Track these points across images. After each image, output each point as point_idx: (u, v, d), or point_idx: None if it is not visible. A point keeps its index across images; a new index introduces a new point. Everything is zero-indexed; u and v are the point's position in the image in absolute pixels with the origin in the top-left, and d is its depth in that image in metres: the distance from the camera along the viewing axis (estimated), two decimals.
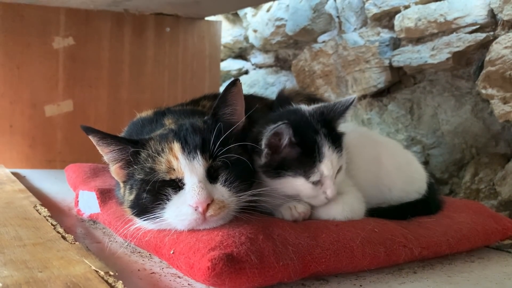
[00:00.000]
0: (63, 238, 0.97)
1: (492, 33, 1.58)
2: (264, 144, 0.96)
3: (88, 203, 1.27)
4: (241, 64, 2.87)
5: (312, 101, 1.22)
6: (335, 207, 1.01)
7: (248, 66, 2.83)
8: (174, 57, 2.41)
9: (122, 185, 1.02)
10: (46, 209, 1.21)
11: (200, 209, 0.88)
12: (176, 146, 0.93)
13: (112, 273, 0.78)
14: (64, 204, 1.44)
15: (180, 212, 0.90)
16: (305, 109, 1.06)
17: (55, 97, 2.17)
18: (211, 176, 0.92)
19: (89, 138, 0.98)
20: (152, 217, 0.93)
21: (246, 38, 2.77)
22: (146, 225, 0.95)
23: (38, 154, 2.14)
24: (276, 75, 2.60)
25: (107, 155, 0.99)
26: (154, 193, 0.92)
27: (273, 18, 2.49)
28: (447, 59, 1.68)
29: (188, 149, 0.92)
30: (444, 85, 1.77)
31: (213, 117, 1.00)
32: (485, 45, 1.60)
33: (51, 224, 1.08)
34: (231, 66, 2.89)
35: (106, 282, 0.74)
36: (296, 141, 0.95)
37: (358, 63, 2.01)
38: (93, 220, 1.25)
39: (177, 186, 0.92)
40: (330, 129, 1.01)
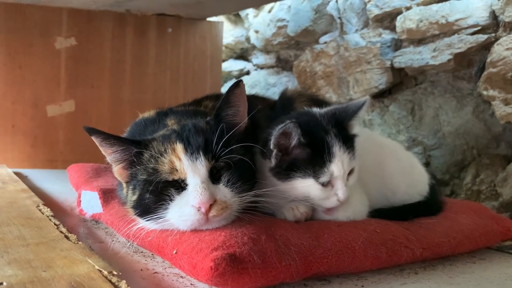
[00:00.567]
0: (66, 237, 0.98)
1: (493, 34, 1.58)
2: (272, 144, 0.94)
3: (90, 203, 1.27)
4: (242, 64, 2.87)
5: (314, 102, 1.22)
6: (338, 208, 1.01)
7: (249, 67, 2.84)
8: (175, 57, 2.41)
9: (125, 185, 1.02)
10: (49, 208, 1.22)
11: (203, 209, 0.88)
12: (178, 147, 0.93)
13: (115, 272, 0.78)
14: (66, 204, 1.44)
15: (183, 212, 0.90)
16: (316, 111, 1.04)
17: (57, 97, 2.18)
18: (214, 176, 0.93)
19: (91, 138, 0.97)
20: (155, 217, 0.93)
21: (248, 39, 2.77)
22: (148, 225, 0.96)
23: (40, 154, 2.15)
24: (277, 76, 2.60)
25: (110, 156, 0.99)
26: (157, 193, 0.92)
27: (274, 19, 2.49)
28: (449, 61, 1.69)
29: (190, 149, 0.92)
30: (445, 86, 1.77)
31: (215, 118, 1.00)
32: (486, 46, 1.60)
33: (54, 223, 1.08)
34: (233, 66, 2.89)
35: (110, 281, 0.75)
36: (305, 141, 0.94)
37: (360, 64, 2.01)
38: (95, 220, 1.25)
39: (180, 186, 0.92)
40: (341, 129, 0.99)
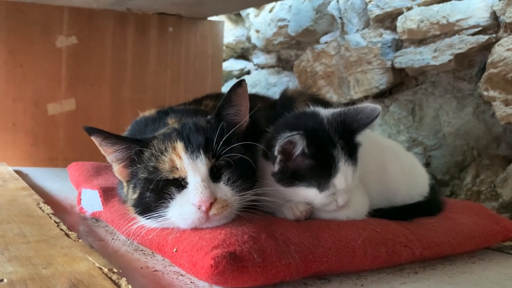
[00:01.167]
0: (67, 235, 0.98)
1: (494, 35, 1.58)
2: (277, 151, 0.93)
3: (90, 201, 1.27)
4: (243, 64, 2.87)
5: (315, 101, 1.22)
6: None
7: (250, 67, 2.84)
8: (176, 56, 2.42)
9: (125, 184, 1.03)
10: (49, 206, 1.22)
11: (203, 208, 0.88)
12: (179, 146, 0.93)
13: (116, 270, 0.78)
14: (66, 202, 1.44)
15: (183, 211, 0.90)
16: (323, 114, 1.01)
17: (58, 95, 2.18)
18: (214, 175, 0.93)
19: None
20: (155, 215, 0.93)
21: (249, 39, 2.78)
22: (149, 223, 0.96)
23: (40, 152, 2.15)
24: (278, 76, 2.60)
25: (111, 155, 0.99)
26: (158, 192, 0.92)
27: (275, 19, 2.49)
28: (449, 61, 1.69)
29: (191, 148, 0.93)
30: (446, 86, 1.77)
31: (216, 116, 1.00)
32: (487, 47, 1.60)
33: (55, 221, 1.09)
34: (233, 66, 2.89)
35: (110, 279, 0.75)
36: (309, 152, 0.93)
37: (360, 64, 2.02)
38: (95, 218, 1.26)
39: (180, 185, 0.92)
40: (348, 139, 0.97)
